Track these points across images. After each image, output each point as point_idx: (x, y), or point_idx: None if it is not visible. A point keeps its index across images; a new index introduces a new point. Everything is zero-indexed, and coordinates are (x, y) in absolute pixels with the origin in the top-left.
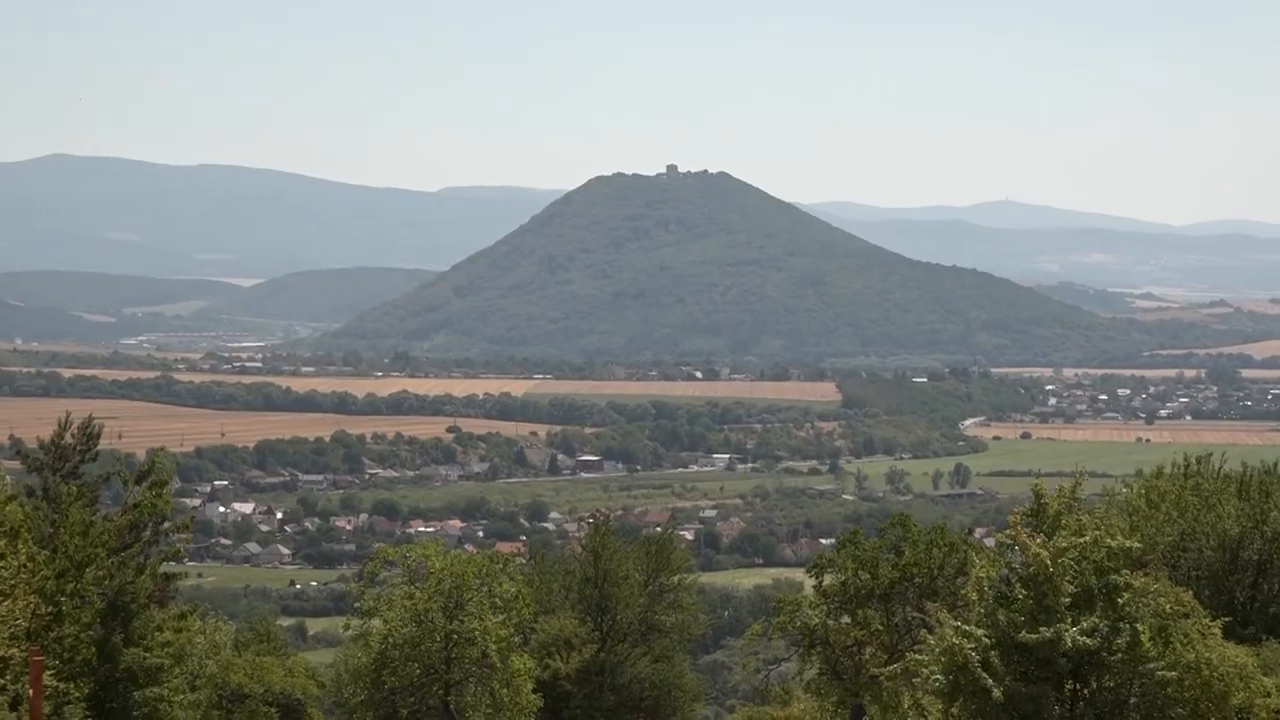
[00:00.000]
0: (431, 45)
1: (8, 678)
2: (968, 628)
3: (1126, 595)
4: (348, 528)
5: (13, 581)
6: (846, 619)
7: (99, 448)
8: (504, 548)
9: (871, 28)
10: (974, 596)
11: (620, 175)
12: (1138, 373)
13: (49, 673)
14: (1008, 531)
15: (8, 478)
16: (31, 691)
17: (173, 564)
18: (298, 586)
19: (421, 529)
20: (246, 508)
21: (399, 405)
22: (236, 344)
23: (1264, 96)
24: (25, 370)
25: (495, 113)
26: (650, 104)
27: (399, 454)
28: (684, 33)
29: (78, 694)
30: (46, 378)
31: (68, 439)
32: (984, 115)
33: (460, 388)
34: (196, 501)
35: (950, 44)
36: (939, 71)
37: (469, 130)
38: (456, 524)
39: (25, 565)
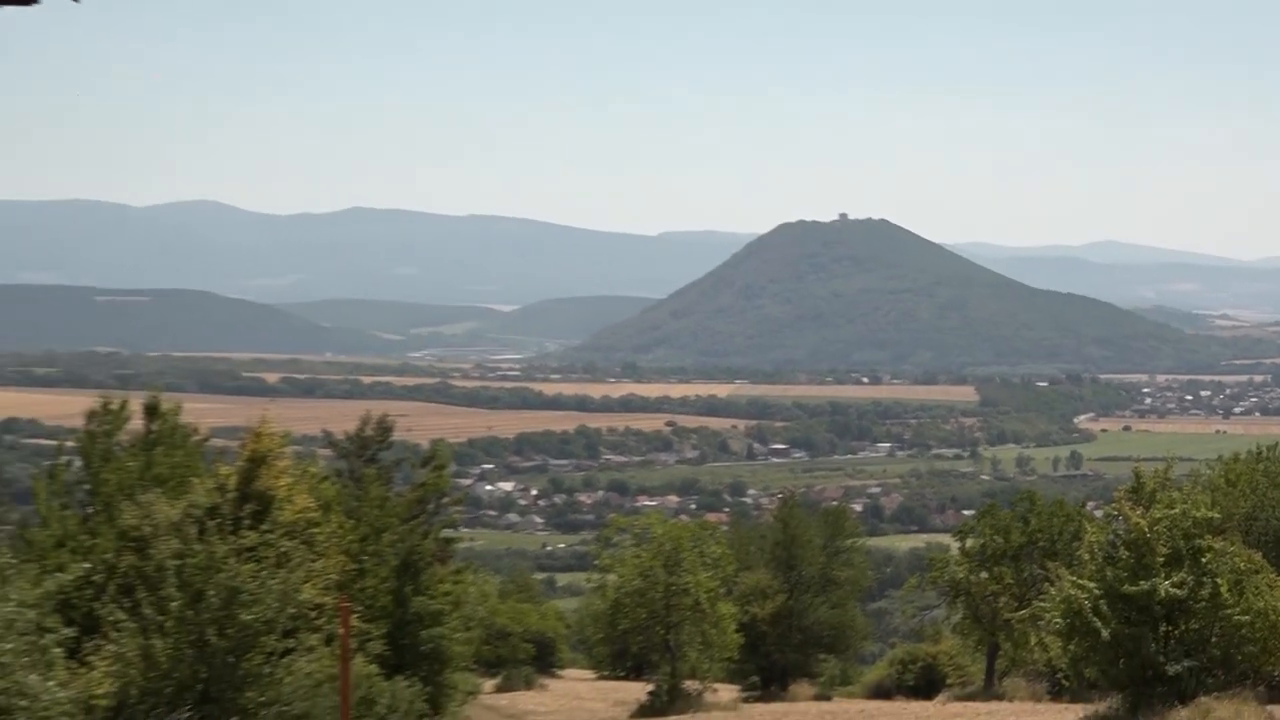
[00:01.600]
0: (662, 119)
1: (323, 620)
2: (1082, 581)
3: (1209, 555)
4: (588, 502)
5: (326, 544)
6: (985, 574)
7: (392, 439)
8: (712, 518)
9: (1006, 103)
10: (1086, 557)
11: (802, 222)
12: (1216, 378)
13: (355, 616)
14: (1113, 505)
15: (322, 462)
16: (341, 631)
17: (450, 530)
18: (549, 548)
19: (646, 503)
20: (508, 486)
21: (628, 404)
22: (499, 357)
23: None
24: (334, 378)
25: (705, 170)
26: (825, 164)
27: (628, 443)
28: (850, 108)
29: (377, 633)
30: (350, 384)
31: (368, 432)
32: (1091, 172)
33: (676, 390)
34: (469, 481)
35: (1067, 113)
36: (1055, 133)
37: (683, 184)
38: (674, 499)
39: (336, 531)
